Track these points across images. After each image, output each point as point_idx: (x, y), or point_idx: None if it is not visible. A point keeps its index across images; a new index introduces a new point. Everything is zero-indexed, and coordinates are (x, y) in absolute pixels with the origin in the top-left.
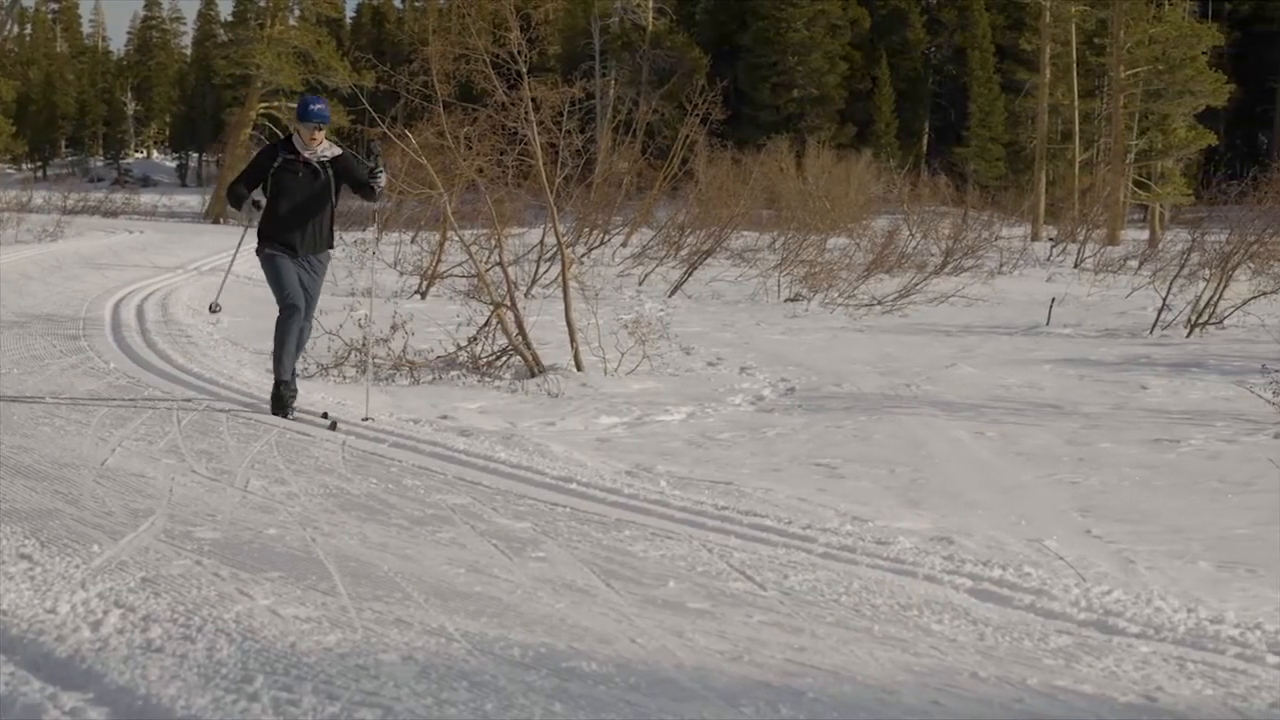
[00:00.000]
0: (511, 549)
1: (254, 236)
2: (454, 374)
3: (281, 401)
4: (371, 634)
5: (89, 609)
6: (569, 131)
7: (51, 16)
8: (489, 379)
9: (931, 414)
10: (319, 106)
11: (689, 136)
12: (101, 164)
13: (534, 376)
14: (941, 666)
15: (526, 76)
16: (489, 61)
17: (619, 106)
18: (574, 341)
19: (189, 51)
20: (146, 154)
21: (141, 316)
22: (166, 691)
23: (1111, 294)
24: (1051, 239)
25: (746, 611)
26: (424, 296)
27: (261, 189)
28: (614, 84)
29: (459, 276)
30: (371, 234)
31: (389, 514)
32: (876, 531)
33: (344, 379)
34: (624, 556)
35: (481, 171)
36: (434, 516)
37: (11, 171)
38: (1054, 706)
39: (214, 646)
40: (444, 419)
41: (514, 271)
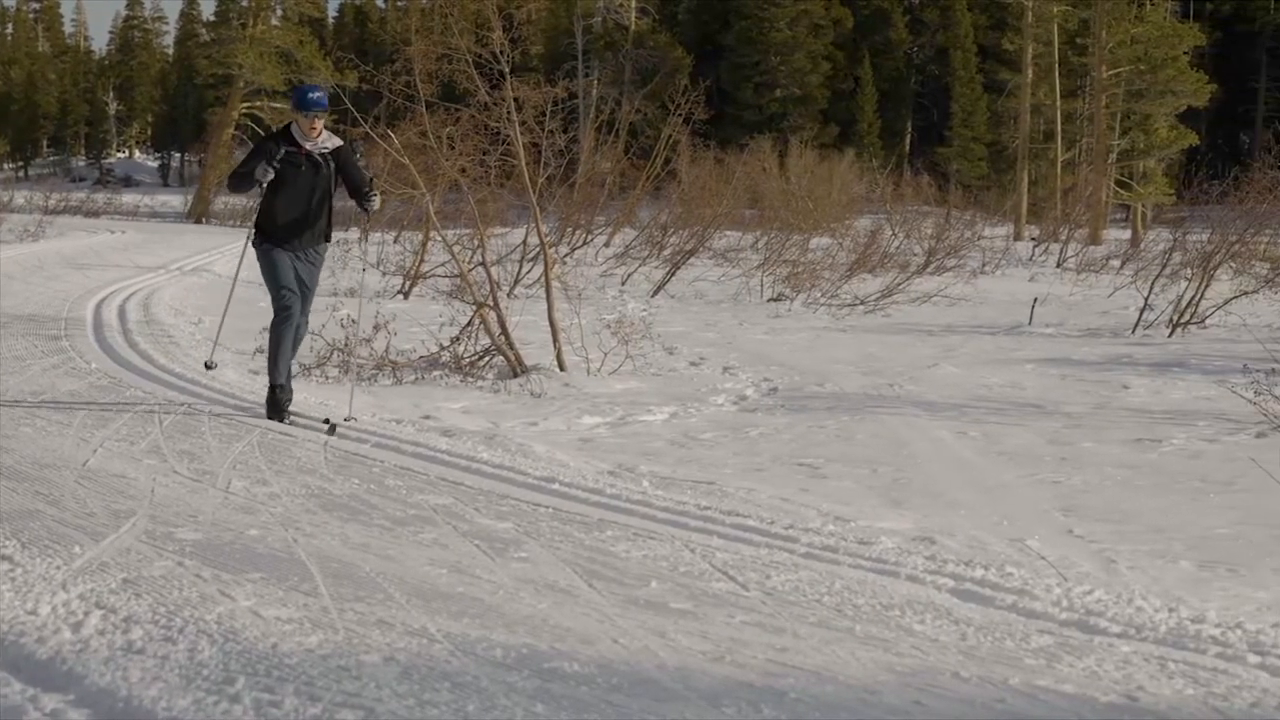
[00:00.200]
0: (494, 549)
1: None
2: (437, 374)
3: (277, 405)
4: (353, 635)
5: (70, 610)
6: (552, 131)
7: (33, 16)
8: (472, 379)
9: (914, 414)
10: (318, 95)
11: (672, 136)
12: (83, 164)
13: (517, 376)
14: (923, 666)
15: (509, 76)
16: (471, 61)
17: (602, 106)
18: (557, 341)
19: (171, 51)
20: (129, 154)
21: (123, 317)
22: (148, 693)
23: (1094, 294)
24: (1034, 239)
25: (729, 612)
26: (407, 296)
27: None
28: (597, 84)
29: (442, 276)
30: (355, 234)
31: (371, 514)
32: (859, 531)
33: (326, 379)
34: (606, 557)
35: (464, 171)
36: (416, 517)
37: None
38: (1035, 706)
39: (195, 648)
40: (426, 419)
41: (497, 271)
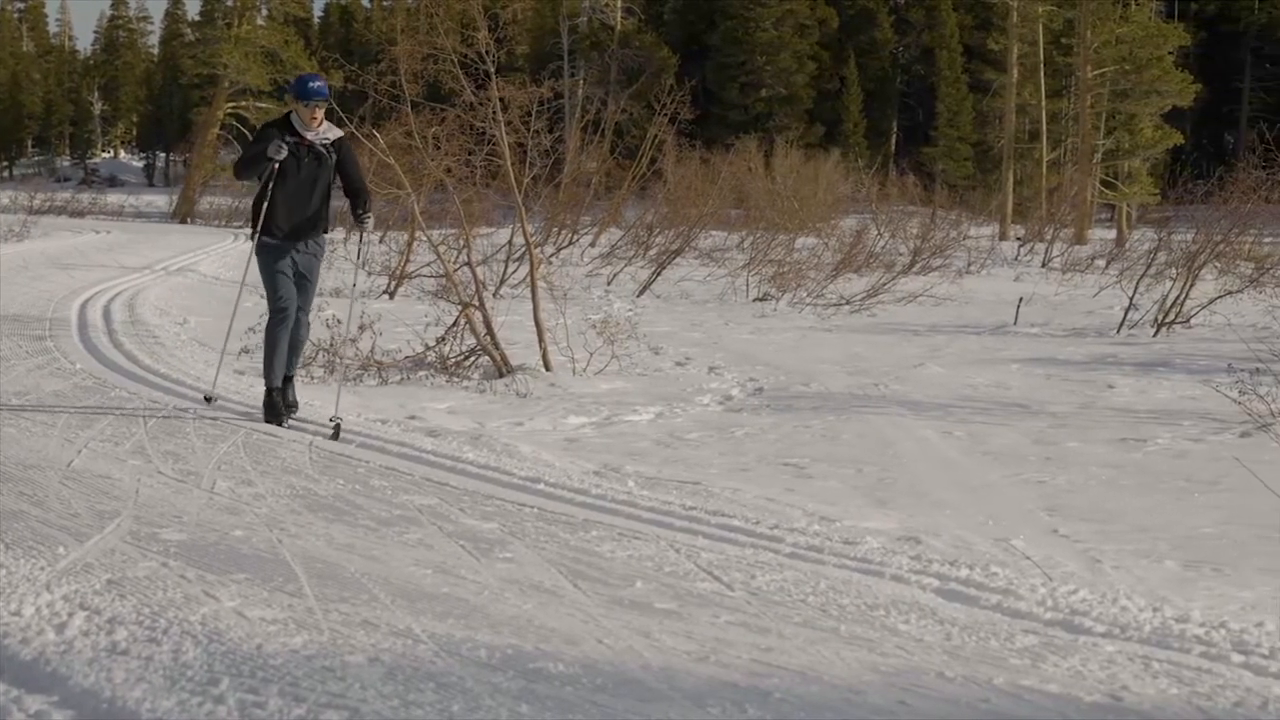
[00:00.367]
0: (479, 550)
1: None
2: (422, 374)
3: (274, 409)
4: (338, 635)
5: (54, 611)
6: (537, 131)
7: (17, 15)
8: (457, 379)
9: (899, 414)
10: (319, 84)
11: (657, 136)
12: (68, 164)
13: (502, 377)
14: (908, 666)
15: (494, 76)
16: (457, 61)
17: (587, 106)
18: (542, 341)
19: (156, 51)
20: (113, 154)
21: (108, 317)
22: (132, 694)
23: (1079, 293)
24: (1019, 238)
25: (714, 612)
26: (392, 296)
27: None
28: (582, 84)
29: (427, 276)
30: (339, 233)
31: (356, 515)
32: (844, 531)
33: (311, 379)
34: (591, 557)
35: (450, 171)
36: (401, 517)
37: None
38: (1020, 706)
39: (180, 649)
40: (412, 419)
41: (482, 271)
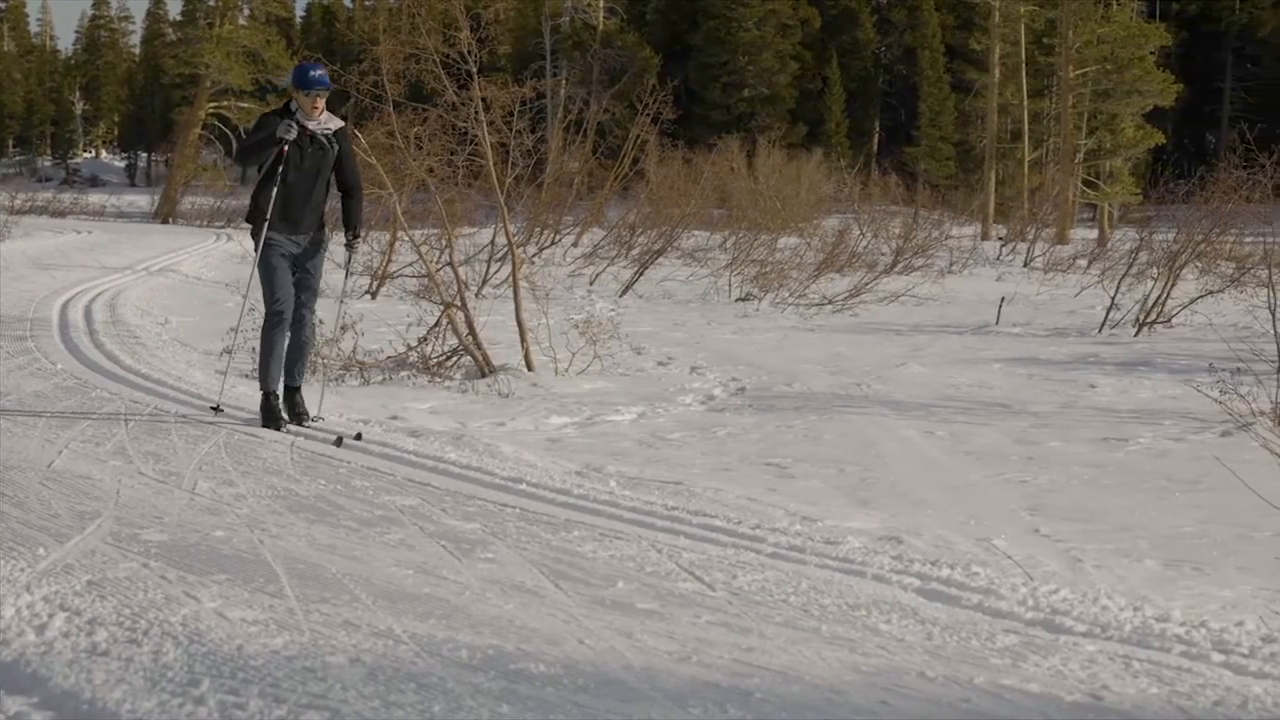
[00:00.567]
0: (460, 550)
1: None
2: (404, 374)
3: (272, 414)
4: (319, 636)
5: (34, 612)
6: (519, 131)
7: None
8: (439, 379)
9: (881, 413)
10: (320, 72)
11: (640, 136)
12: (49, 164)
13: (484, 377)
14: (889, 666)
15: (477, 76)
16: (439, 61)
17: (570, 106)
18: (525, 341)
19: (137, 50)
20: (95, 154)
21: (89, 317)
22: (112, 695)
23: (1060, 293)
24: (1001, 238)
25: (695, 612)
26: (374, 296)
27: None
28: (565, 84)
29: (409, 276)
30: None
31: (337, 515)
32: (825, 531)
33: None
34: (573, 557)
35: (432, 171)
36: (383, 518)
37: None
38: (1001, 706)
39: (160, 650)
40: (394, 419)
41: (464, 271)
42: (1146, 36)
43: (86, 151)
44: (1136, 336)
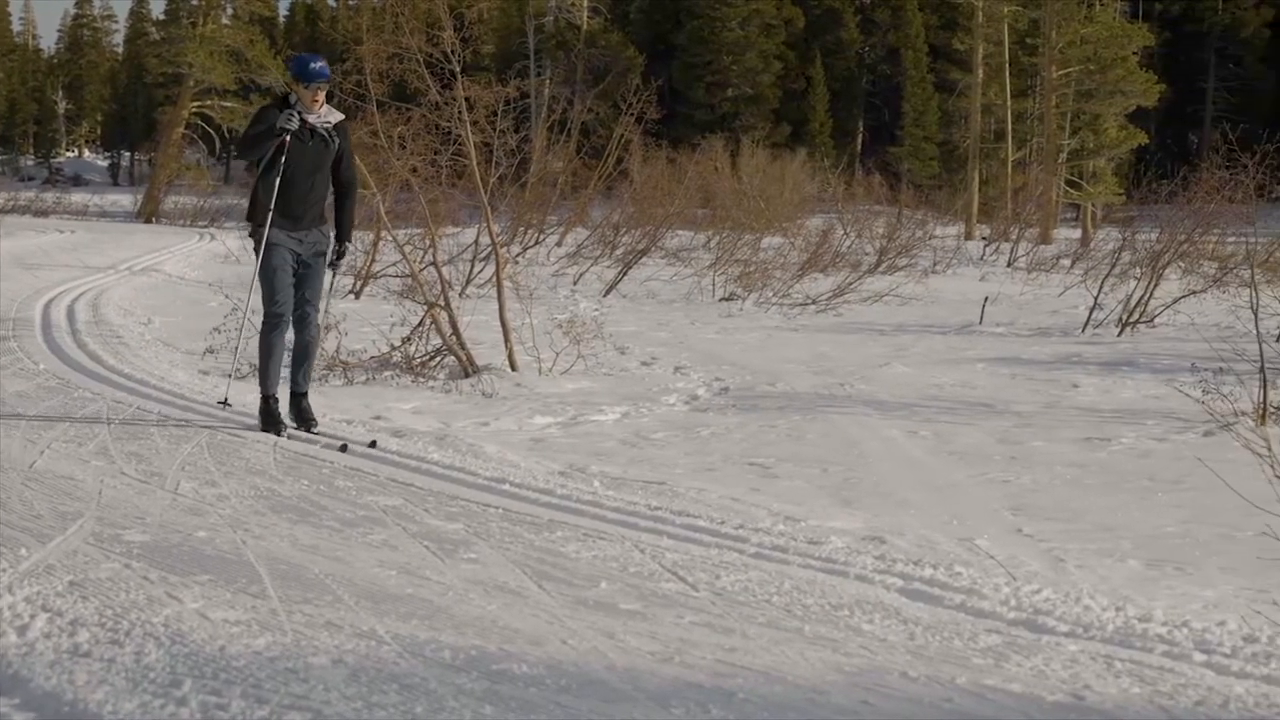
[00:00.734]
0: (443, 550)
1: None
2: (388, 374)
3: (272, 417)
4: (301, 637)
5: (15, 613)
6: (503, 131)
7: None
8: (423, 379)
9: (865, 413)
10: (320, 64)
11: (624, 136)
12: (32, 163)
13: (468, 377)
14: (872, 666)
15: (460, 76)
16: (423, 61)
17: (554, 106)
18: (508, 341)
19: (121, 50)
20: (78, 153)
21: (72, 317)
22: (94, 696)
23: (1044, 293)
24: (985, 238)
25: (678, 612)
26: (358, 296)
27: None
28: (549, 83)
29: (393, 276)
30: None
31: (320, 516)
32: (809, 531)
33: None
34: (556, 558)
35: (415, 171)
36: (365, 518)
37: None
38: (983, 705)
39: (142, 650)
40: (377, 419)
41: (448, 271)
42: (1129, 37)
43: (69, 151)
44: (1119, 336)
